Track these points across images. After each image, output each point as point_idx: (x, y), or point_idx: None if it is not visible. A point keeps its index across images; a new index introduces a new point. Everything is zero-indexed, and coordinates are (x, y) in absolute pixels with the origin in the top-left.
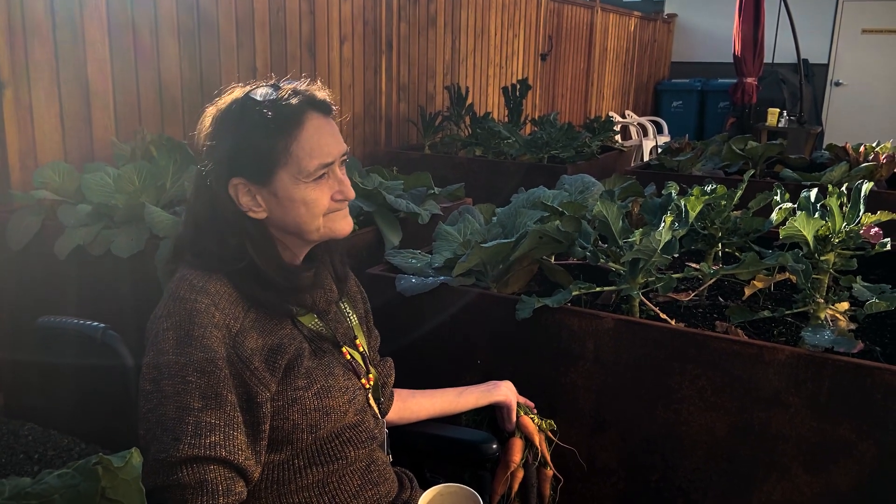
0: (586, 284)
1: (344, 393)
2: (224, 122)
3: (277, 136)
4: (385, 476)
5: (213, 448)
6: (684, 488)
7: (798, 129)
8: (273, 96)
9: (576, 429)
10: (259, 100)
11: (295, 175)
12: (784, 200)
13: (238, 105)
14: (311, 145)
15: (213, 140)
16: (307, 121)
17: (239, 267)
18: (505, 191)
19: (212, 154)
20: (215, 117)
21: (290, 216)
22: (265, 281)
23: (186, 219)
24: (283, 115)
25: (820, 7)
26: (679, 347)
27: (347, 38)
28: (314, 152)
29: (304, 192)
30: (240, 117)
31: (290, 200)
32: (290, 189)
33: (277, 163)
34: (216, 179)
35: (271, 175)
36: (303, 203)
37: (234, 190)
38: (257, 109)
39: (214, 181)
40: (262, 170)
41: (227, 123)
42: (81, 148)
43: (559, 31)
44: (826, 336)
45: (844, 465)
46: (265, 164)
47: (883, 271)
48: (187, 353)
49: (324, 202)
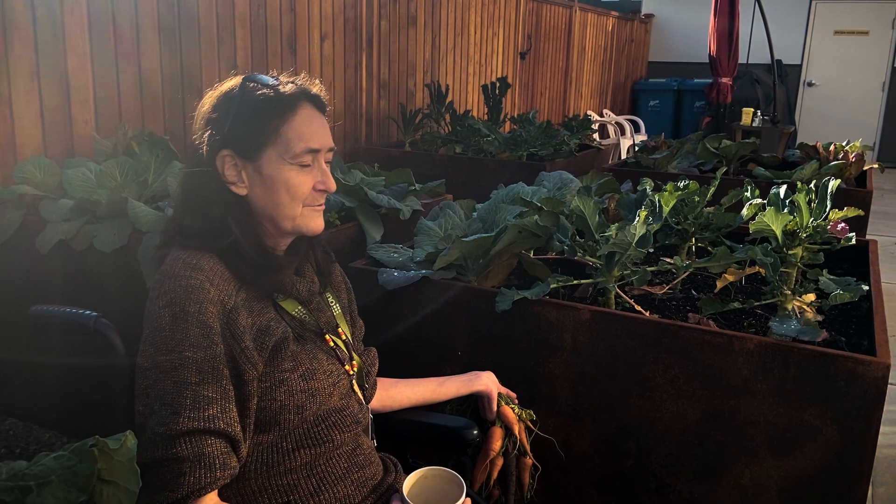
0: (564, 277)
1: (328, 376)
2: (224, 100)
3: (271, 116)
4: (370, 460)
5: (212, 420)
6: (657, 473)
7: (771, 129)
8: (272, 82)
9: (553, 417)
10: (259, 83)
11: (281, 155)
12: (755, 197)
13: (239, 86)
14: (300, 130)
15: (212, 114)
16: (300, 108)
17: (225, 244)
18: (485, 188)
19: (207, 128)
20: (215, 97)
21: (271, 197)
22: (245, 257)
23: (177, 200)
24: (278, 98)
25: (793, 8)
26: (653, 338)
27: (328, 35)
28: (303, 136)
29: (288, 175)
30: (239, 96)
31: (273, 180)
32: (275, 168)
33: (267, 140)
34: (208, 153)
35: (259, 151)
36: (285, 185)
37: (220, 161)
38: (256, 90)
39: (206, 155)
40: (251, 145)
41: (226, 101)
42: (61, 143)
43: (538, 30)
44: (792, 326)
45: (810, 449)
46: (255, 139)
47: (849, 265)
48: (184, 328)
49: (305, 189)
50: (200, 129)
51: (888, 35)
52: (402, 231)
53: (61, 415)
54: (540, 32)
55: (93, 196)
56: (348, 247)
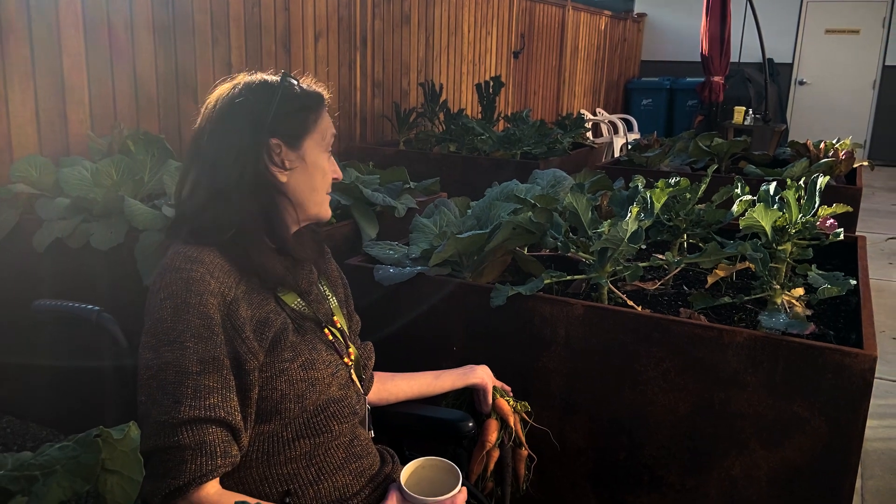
0: (558, 273)
1: (327, 366)
2: (262, 90)
3: (310, 109)
4: (368, 451)
5: (213, 409)
6: (650, 465)
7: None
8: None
9: (548, 411)
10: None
11: (319, 142)
12: (745, 193)
13: (274, 80)
14: (326, 123)
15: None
16: (325, 106)
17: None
18: (478, 186)
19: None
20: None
21: (309, 182)
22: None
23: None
24: (311, 95)
25: (785, 7)
26: (644, 332)
27: (322, 35)
28: (329, 129)
29: (324, 161)
30: (280, 88)
31: (314, 165)
32: (316, 155)
33: (308, 130)
34: (247, 139)
35: (303, 139)
36: (321, 170)
37: (268, 150)
38: (294, 85)
39: (245, 141)
40: (298, 134)
41: (265, 91)
42: (57, 142)
43: (531, 30)
44: (781, 319)
45: (798, 440)
46: (301, 129)
47: (838, 261)
48: (185, 320)
49: (330, 176)
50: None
51: (879, 34)
52: (397, 229)
53: (59, 412)
54: (533, 31)
55: (89, 194)
56: (344, 244)
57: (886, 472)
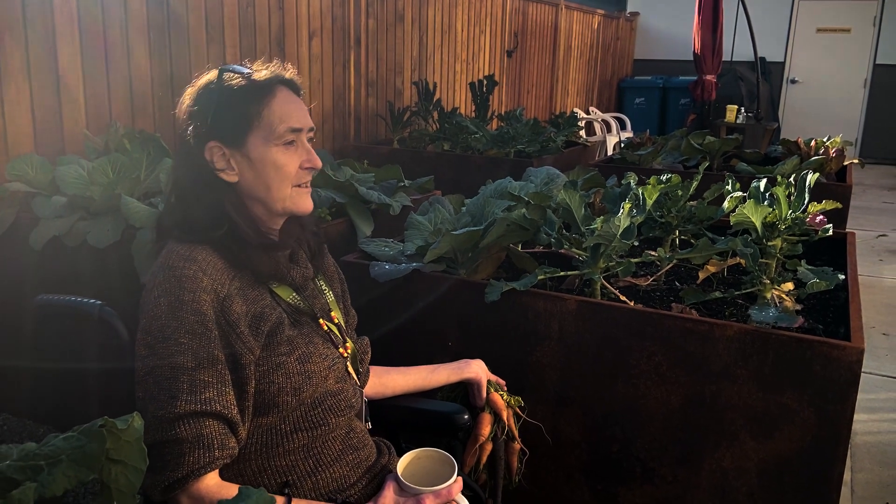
0: (551, 269)
1: (324, 359)
2: (203, 93)
3: (250, 102)
4: (364, 442)
5: (209, 403)
6: (642, 458)
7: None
8: (247, 70)
9: (541, 405)
10: (234, 72)
11: (266, 137)
12: (736, 190)
13: (216, 78)
14: (281, 111)
15: (193, 108)
16: (278, 92)
17: (220, 233)
18: (472, 184)
19: (191, 121)
20: (195, 91)
21: (261, 179)
22: (244, 242)
23: (170, 193)
24: (256, 84)
25: (776, 7)
26: (636, 326)
27: (316, 34)
28: (284, 117)
29: (275, 155)
30: (217, 87)
31: (261, 162)
32: (262, 151)
33: (250, 126)
34: (196, 146)
35: (244, 137)
36: (273, 166)
37: (209, 153)
38: (233, 80)
39: (195, 148)
40: (237, 133)
41: (205, 94)
42: (52, 141)
43: (524, 29)
44: (771, 313)
45: (788, 432)
46: (239, 127)
47: (828, 257)
48: (179, 317)
49: (292, 168)
50: (184, 123)
51: (870, 33)
52: (392, 226)
53: (55, 409)
54: (526, 30)
55: (86, 193)
56: (339, 241)
57: (876, 465)
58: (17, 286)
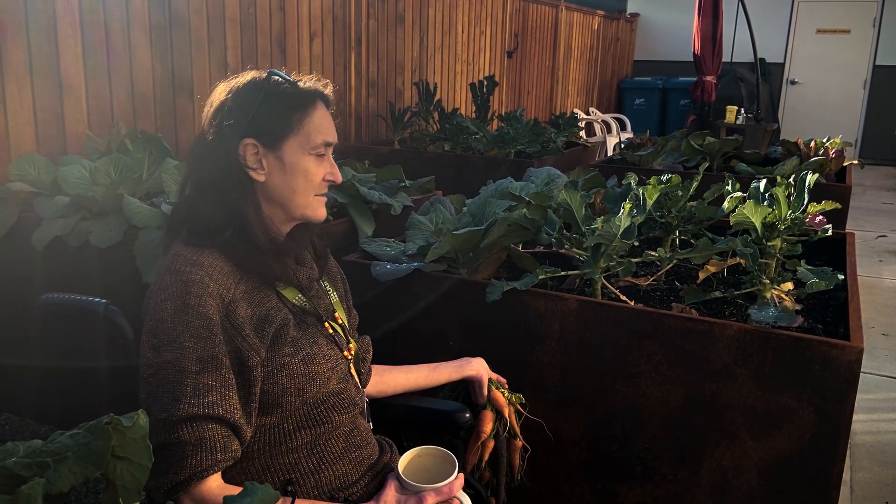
0: (552, 269)
1: (328, 360)
2: (247, 90)
3: (294, 109)
4: (367, 440)
5: (212, 407)
6: (642, 456)
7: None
8: (292, 79)
9: (542, 404)
10: (281, 79)
11: (302, 145)
12: (735, 190)
13: (263, 79)
14: (318, 123)
15: (231, 103)
16: (318, 105)
17: (229, 236)
18: (473, 185)
19: (228, 116)
20: (236, 87)
21: (288, 184)
22: (253, 244)
23: (184, 186)
24: (301, 94)
25: (776, 7)
26: (637, 326)
27: (317, 35)
28: (321, 130)
29: (307, 164)
30: (265, 87)
31: (293, 168)
32: (297, 157)
33: (290, 131)
34: (228, 140)
35: (282, 141)
36: (304, 173)
37: (243, 149)
38: (281, 84)
39: (225, 142)
40: (276, 134)
41: (250, 91)
42: (54, 141)
43: (525, 29)
44: (770, 313)
45: (787, 431)
46: (280, 129)
47: (827, 257)
48: (184, 320)
49: (318, 178)
50: (218, 116)
51: (869, 33)
52: (393, 226)
53: (57, 409)
54: (527, 31)
55: (88, 193)
56: (340, 241)
57: (875, 465)
58: (19, 286)
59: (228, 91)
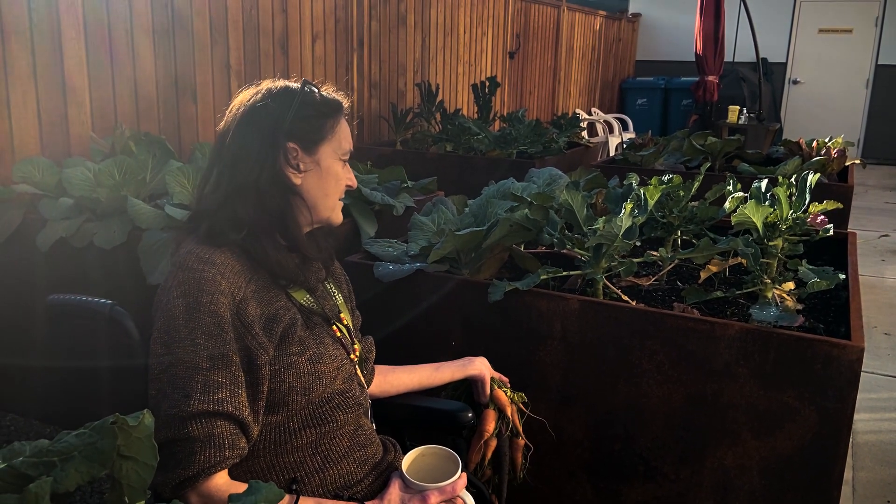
0: (554, 269)
1: (333, 360)
2: (282, 95)
3: (328, 116)
4: (371, 440)
5: (221, 403)
6: (644, 456)
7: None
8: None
9: (545, 403)
10: (313, 88)
11: (335, 150)
12: (737, 190)
13: (295, 86)
14: (345, 132)
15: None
16: (343, 115)
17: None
18: (475, 185)
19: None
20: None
21: (322, 186)
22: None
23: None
24: (331, 103)
25: (778, 7)
26: (639, 326)
27: (319, 36)
28: (347, 138)
29: (338, 168)
30: (300, 93)
31: (327, 171)
32: (330, 161)
33: (325, 136)
34: (269, 141)
35: (318, 145)
36: (335, 177)
37: (285, 153)
38: (315, 93)
39: (267, 142)
40: (314, 139)
41: (286, 96)
42: (58, 143)
43: (526, 30)
44: (772, 312)
45: (789, 430)
46: (317, 135)
47: (829, 257)
48: (196, 318)
49: (343, 183)
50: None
51: (872, 33)
52: (395, 227)
53: (62, 410)
54: (528, 32)
55: (92, 194)
56: (343, 242)
57: (877, 464)
58: (24, 287)
59: (264, 96)
